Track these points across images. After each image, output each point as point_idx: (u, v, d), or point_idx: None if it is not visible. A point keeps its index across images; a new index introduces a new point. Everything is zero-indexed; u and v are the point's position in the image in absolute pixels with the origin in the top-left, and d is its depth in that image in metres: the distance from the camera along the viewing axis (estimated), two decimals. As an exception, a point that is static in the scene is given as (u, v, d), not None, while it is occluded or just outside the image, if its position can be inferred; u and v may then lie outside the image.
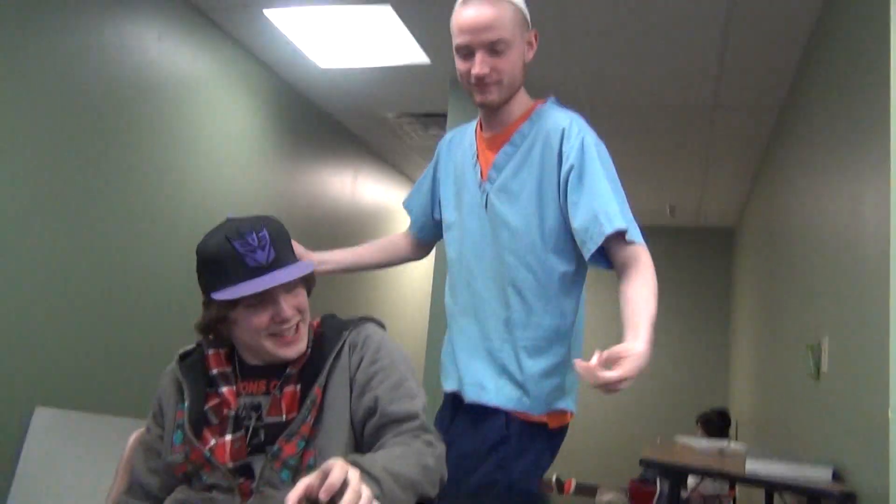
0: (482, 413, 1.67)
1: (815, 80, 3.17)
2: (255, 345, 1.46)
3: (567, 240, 1.69)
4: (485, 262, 1.73)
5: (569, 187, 1.64)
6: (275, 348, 1.45)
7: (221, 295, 1.39)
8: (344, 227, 5.25)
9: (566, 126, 1.67)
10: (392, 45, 3.79)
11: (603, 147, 1.70)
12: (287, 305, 1.45)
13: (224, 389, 1.45)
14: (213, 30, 3.69)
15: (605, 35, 3.49)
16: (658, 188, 6.30)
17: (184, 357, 1.54)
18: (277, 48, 3.94)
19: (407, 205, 2.05)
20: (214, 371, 1.48)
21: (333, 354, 1.47)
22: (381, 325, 1.59)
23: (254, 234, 1.43)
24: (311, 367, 1.46)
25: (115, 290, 3.11)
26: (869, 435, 1.98)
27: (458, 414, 1.75)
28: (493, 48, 1.62)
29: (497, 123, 1.76)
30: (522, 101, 1.76)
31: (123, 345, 3.13)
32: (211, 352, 1.51)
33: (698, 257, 7.53)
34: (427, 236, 2.03)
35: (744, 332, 5.94)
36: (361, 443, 1.43)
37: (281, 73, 4.30)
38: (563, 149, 1.66)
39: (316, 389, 1.42)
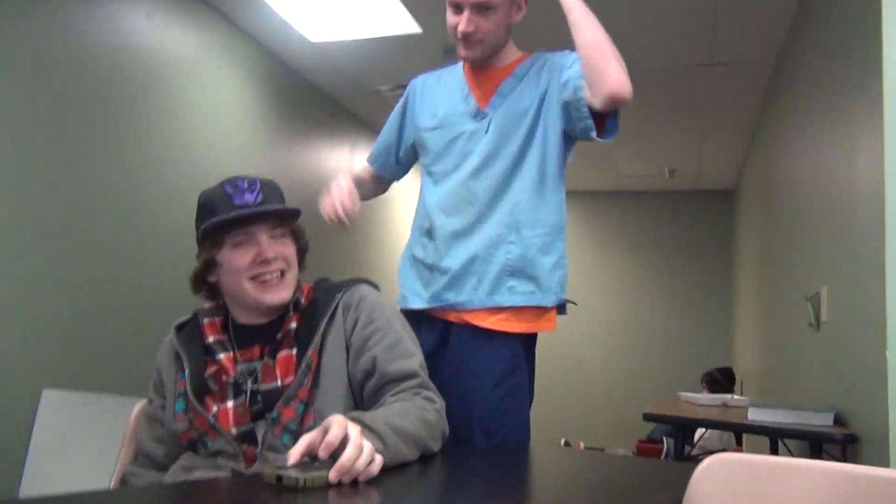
0: (490, 337, 1.80)
1: (807, 35, 3.14)
2: (238, 290, 1.46)
3: (563, 143, 1.86)
4: (488, 181, 1.84)
5: (563, 71, 1.82)
6: (256, 292, 1.45)
7: (205, 227, 1.44)
8: (343, 202, 5.23)
9: (560, 51, 1.89)
10: (383, 16, 3.76)
11: None
12: (269, 247, 1.46)
13: (221, 356, 1.45)
14: (201, 7, 3.67)
15: (602, 5, 3.45)
16: (656, 151, 6.28)
17: (180, 328, 1.54)
18: (267, 23, 3.92)
19: (375, 159, 2.15)
20: (210, 339, 1.48)
21: (327, 317, 1.46)
22: (375, 287, 1.59)
23: (245, 181, 1.49)
24: (306, 330, 1.46)
25: (113, 272, 3.11)
26: (869, 378, 1.99)
27: (453, 333, 1.86)
28: (481, 8, 1.76)
29: (492, 65, 1.91)
30: (513, 51, 1.93)
31: (124, 326, 3.14)
32: (206, 321, 1.51)
33: (699, 220, 7.52)
34: (387, 174, 2.15)
35: (746, 291, 5.95)
36: (361, 404, 1.44)
37: (272, 48, 4.28)
38: (561, 61, 1.86)
39: (311, 353, 1.41)
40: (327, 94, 5.06)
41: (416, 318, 1.88)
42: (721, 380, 5.54)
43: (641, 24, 3.74)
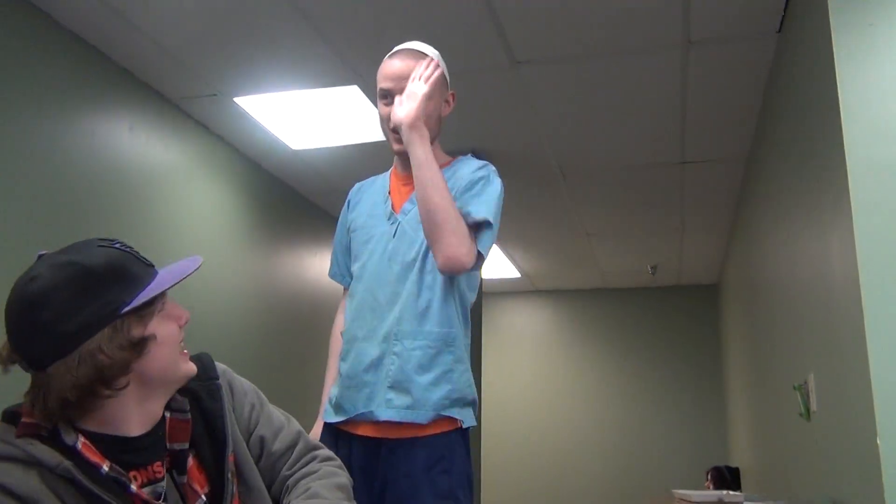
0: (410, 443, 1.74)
1: (774, 129, 3.27)
2: (173, 366, 1.20)
3: None
4: (388, 287, 1.83)
5: (464, 192, 1.81)
6: (186, 364, 1.23)
7: (147, 294, 1.14)
8: (326, 306, 5.24)
9: (480, 166, 1.89)
10: (361, 123, 3.88)
11: (502, 192, 1.86)
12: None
13: (133, 489, 1.11)
14: (184, 119, 3.77)
15: (568, 103, 3.60)
16: (638, 249, 6.38)
17: (40, 462, 1.06)
18: (249, 133, 4.03)
19: (334, 274, 2.09)
20: (105, 469, 1.09)
21: (227, 411, 1.28)
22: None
23: (116, 242, 1.20)
24: (202, 426, 1.24)
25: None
26: (863, 466, 1.97)
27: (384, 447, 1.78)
28: None
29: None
30: (440, 154, 1.92)
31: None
32: (81, 442, 1.09)
33: (684, 314, 7.58)
34: (349, 285, 2.06)
35: (736, 384, 5.92)
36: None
37: (254, 157, 4.38)
38: (471, 176, 1.84)
39: (230, 457, 1.24)
40: (309, 200, 5.15)
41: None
42: (728, 479, 5.45)
43: (613, 127, 3.88)
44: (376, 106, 3.54)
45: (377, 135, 4.00)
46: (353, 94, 3.56)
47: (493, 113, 3.75)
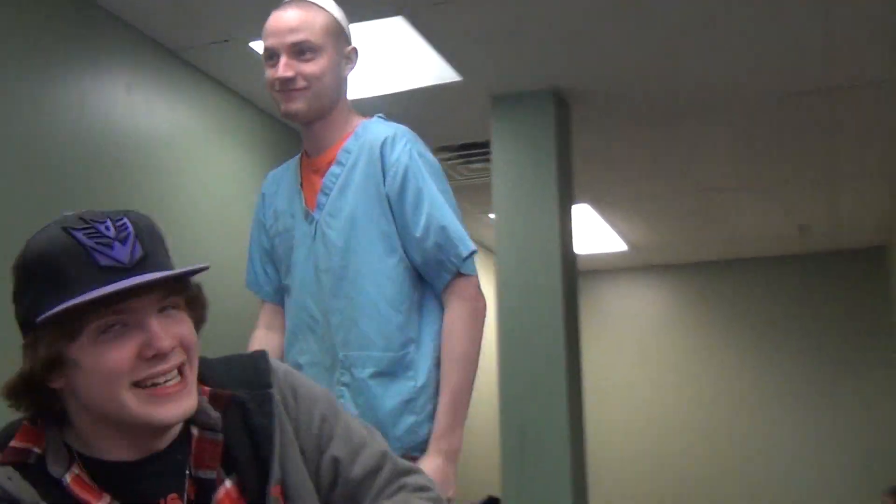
0: None
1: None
2: (111, 406, 1.07)
3: (403, 261, 1.87)
4: (321, 302, 1.87)
5: (405, 205, 1.84)
6: (144, 408, 1.08)
7: (50, 310, 1.04)
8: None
9: (389, 136, 1.88)
10: (412, 64, 3.84)
11: (431, 157, 1.91)
12: (163, 331, 1.09)
13: None
14: (190, 72, 3.82)
15: (678, 18, 3.50)
16: (778, 206, 6.30)
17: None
18: (264, 84, 4.05)
19: (251, 282, 2.11)
20: None
21: (278, 433, 1.21)
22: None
23: (108, 223, 1.10)
24: (246, 451, 1.20)
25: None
26: None
27: None
28: (299, 50, 1.83)
29: (322, 146, 1.95)
30: (348, 119, 1.95)
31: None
32: (68, 479, 1.08)
33: (843, 286, 7.43)
34: (271, 298, 2.11)
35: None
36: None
37: (273, 110, 4.39)
38: (387, 160, 1.86)
39: (275, 489, 1.18)
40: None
41: None
42: None
43: (739, 43, 3.75)
44: (428, 40, 3.58)
45: (431, 77, 3.97)
46: (397, 27, 3.50)
47: (577, 38, 3.66)
